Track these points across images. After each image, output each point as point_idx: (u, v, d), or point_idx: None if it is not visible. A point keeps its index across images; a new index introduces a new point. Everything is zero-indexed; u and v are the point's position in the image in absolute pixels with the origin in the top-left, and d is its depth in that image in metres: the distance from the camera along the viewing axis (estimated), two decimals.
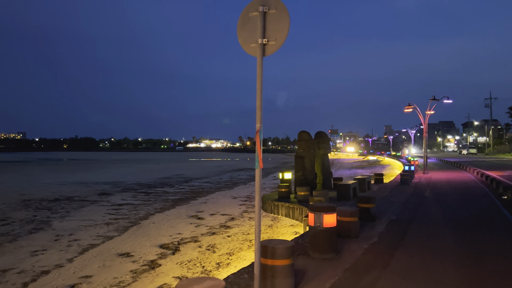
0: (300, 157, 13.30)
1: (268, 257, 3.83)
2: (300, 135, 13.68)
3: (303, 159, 13.20)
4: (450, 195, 13.75)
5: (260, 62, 3.97)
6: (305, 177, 12.98)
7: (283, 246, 3.90)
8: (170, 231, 16.22)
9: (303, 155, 13.37)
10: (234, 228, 16.24)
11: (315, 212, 5.20)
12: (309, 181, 12.98)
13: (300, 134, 13.62)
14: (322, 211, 5.20)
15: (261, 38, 3.90)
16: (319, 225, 5.19)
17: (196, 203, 24.83)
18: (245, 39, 4.01)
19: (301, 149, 13.59)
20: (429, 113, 24.21)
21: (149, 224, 17.98)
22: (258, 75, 4.00)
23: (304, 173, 12.94)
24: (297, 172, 13.12)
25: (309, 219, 5.36)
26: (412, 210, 9.90)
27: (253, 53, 4.00)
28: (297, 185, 12.84)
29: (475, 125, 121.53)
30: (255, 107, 3.97)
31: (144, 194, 29.64)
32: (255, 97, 3.96)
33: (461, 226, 8.01)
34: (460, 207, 10.78)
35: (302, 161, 13.04)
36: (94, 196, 28.64)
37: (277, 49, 3.88)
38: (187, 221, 18.31)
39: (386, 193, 13.40)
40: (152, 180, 42.86)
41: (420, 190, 15.52)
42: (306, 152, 13.23)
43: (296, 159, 13.31)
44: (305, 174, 12.98)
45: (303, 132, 13.69)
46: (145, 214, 20.64)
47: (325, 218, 5.17)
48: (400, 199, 12.05)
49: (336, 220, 5.33)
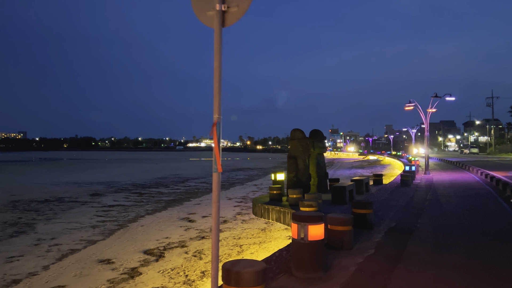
0: (293, 157, 12.42)
1: (232, 284, 3.01)
2: (293, 133, 12.79)
3: (296, 159, 12.32)
4: (454, 198, 12.83)
5: (219, 34, 3.15)
6: (298, 178, 12.08)
7: (252, 270, 3.07)
8: (157, 235, 15.41)
9: (295, 155, 12.50)
10: (225, 232, 15.41)
11: (299, 223, 4.37)
12: (302, 183, 12.07)
13: (293, 133, 12.73)
14: (307, 221, 4.37)
15: (219, 3, 3.07)
16: (304, 238, 4.36)
17: (189, 204, 24.02)
18: (200, 6, 3.19)
19: (293, 148, 12.73)
20: (431, 111, 23.31)
21: (137, 227, 17.17)
22: (216, 51, 3.17)
23: (297, 174, 12.05)
24: (290, 173, 12.22)
25: (292, 230, 4.53)
26: (414, 215, 9.02)
27: (210, 24, 3.18)
28: (289, 187, 11.94)
29: (476, 125, 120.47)
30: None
31: (137, 195, 28.84)
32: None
33: (469, 235, 7.14)
34: (465, 212, 9.86)
35: (295, 162, 12.15)
36: (86, 197, 27.83)
37: (239, 18, 3.06)
38: (177, 224, 17.49)
39: (386, 196, 12.52)
40: (147, 180, 42.04)
41: (421, 192, 14.62)
42: (299, 152, 12.35)
43: (288, 160, 12.43)
44: (298, 176, 12.08)
45: (295, 130, 12.79)
46: (134, 216, 19.83)
47: (311, 230, 4.34)
48: (400, 202, 11.18)
49: (324, 232, 4.50)
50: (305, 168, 12.19)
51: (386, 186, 16.12)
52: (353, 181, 13.36)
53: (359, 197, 12.04)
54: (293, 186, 11.82)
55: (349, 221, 5.61)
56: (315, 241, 4.40)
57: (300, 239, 4.41)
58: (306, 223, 4.39)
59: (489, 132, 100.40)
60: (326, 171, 14.41)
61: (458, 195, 13.56)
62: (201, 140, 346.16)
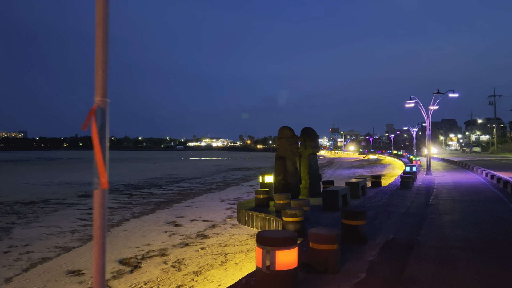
0: (281, 157, 11.38)
1: None
2: (281, 131, 11.79)
3: (285, 160, 11.21)
4: (459, 203, 11.64)
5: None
6: (286, 181, 10.93)
7: None
8: (139, 241, 14.36)
9: (284, 155, 11.45)
10: (211, 238, 14.35)
11: (264, 247, 3.31)
12: (291, 186, 10.91)
13: (281, 131, 11.65)
14: (274, 244, 3.31)
15: None
16: (270, 267, 3.30)
17: (179, 206, 22.98)
18: None
19: (282, 148, 11.65)
20: (433, 109, 22.14)
21: (119, 232, 16.11)
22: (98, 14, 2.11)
23: (285, 176, 10.92)
24: (277, 176, 11.08)
25: (256, 256, 3.47)
26: (414, 225, 7.90)
27: None
28: (277, 191, 10.83)
29: (478, 123, 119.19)
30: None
31: (127, 196, 27.80)
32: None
33: (480, 250, 6.02)
34: (473, 220, 8.67)
35: (283, 163, 11.02)
36: (73, 198, 26.81)
37: None
38: (162, 229, 16.44)
39: (384, 200, 11.39)
40: (141, 180, 41.05)
41: (423, 196, 13.47)
42: (287, 152, 11.21)
43: (276, 160, 11.28)
44: (286, 178, 10.94)
45: (284, 128, 11.72)
46: (119, 220, 18.79)
47: (280, 257, 3.28)
48: (400, 208, 10.05)
49: (297, 258, 3.44)
50: (294, 170, 11.05)
51: (384, 189, 14.97)
52: (348, 184, 12.20)
53: (355, 202, 10.92)
54: (281, 190, 10.69)
55: (334, 239, 4.54)
56: (285, 271, 3.34)
57: (265, 268, 3.35)
58: (274, 248, 3.33)
59: (491, 131, 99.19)
60: (319, 173, 13.26)
61: (464, 200, 12.41)
62: (202, 139, 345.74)
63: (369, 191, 14.48)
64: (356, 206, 9.83)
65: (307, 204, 7.79)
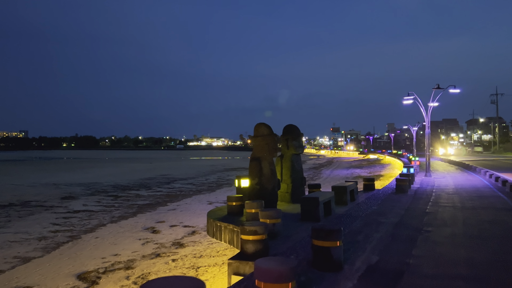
0: (256, 159, 9.86)
1: None
2: (256, 128, 10.16)
3: (260, 161, 9.82)
4: (461, 211, 10.13)
5: None
6: (262, 186, 9.52)
7: None
8: (107, 251, 13.07)
9: (259, 156, 9.91)
10: (187, 247, 13.05)
11: None
12: (267, 191, 9.49)
13: (256, 128, 10.14)
14: None
15: None
16: None
17: (163, 210, 21.69)
18: None
19: (257, 147, 10.04)
20: (432, 105, 20.69)
21: (90, 239, 14.84)
22: None
23: (261, 180, 9.49)
24: (252, 180, 9.71)
25: None
26: (407, 241, 6.52)
27: None
28: (250, 197, 9.41)
29: (480, 123, 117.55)
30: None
31: (112, 198, 26.54)
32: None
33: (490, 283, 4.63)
34: (479, 235, 7.16)
35: (258, 165, 9.63)
36: (55, 201, 25.56)
37: None
38: (137, 236, 15.16)
39: (374, 207, 9.99)
40: (132, 181, 39.80)
41: (420, 201, 12.03)
42: (264, 152, 9.92)
43: (250, 162, 10.02)
44: (262, 182, 9.53)
45: (260, 125, 10.13)
46: (95, 225, 17.53)
47: None
48: (391, 217, 8.64)
49: None
50: (271, 173, 9.65)
51: (378, 193, 13.55)
52: (334, 188, 10.80)
53: (340, 210, 9.50)
54: (255, 196, 9.30)
55: (288, 276, 3.27)
56: None
57: None
58: None
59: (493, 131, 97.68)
60: (303, 176, 11.88)
61: (466, 206, 10.96)
62: (202, 139, 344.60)
63: (360, 195, 13.07)
64: (339, 216, 8.45)
65: (278, 216, 6.46)
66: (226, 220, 8.26)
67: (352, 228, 7.41)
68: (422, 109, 21.47)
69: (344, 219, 8.28)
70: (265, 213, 6.45)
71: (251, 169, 9.65)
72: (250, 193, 9.52)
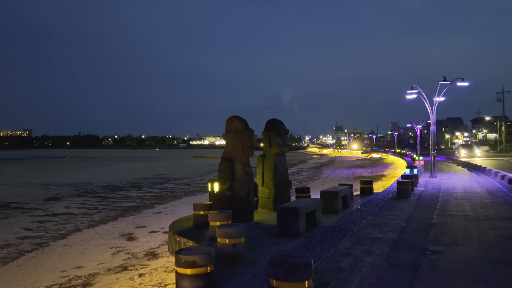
0: (228, 159, 8.27)
1: None
2: (229, 123, 8.52)
3: (232, 162, 8.27)
4: (473, 222, 8.34)
5: None
6: (234, 192, 7.99)
7: None
8: (71, 262, 11.67)
9: (232, 155, 8.32)
10: (160, 259, 11.60)
11: None
12: (240, 199, 7.85)
13: (229, 122, 8.51)
14: None
15: None
16: None
17: (148, 213, 20.30)
18: None
19: (230, 146, 8.41)
20: (438, 100, 19.06)
21: (58, 247, 13.45)
22: None
23: (233, 186, 7.99)
24: (222, 185, 8.18)
25: None
26: (407, 269, 4.94)
27: None
28: (219, 206, 7.82)
29: (485, 121, 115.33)
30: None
31: (98, 200, 25.18)
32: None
33: None
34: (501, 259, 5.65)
35: (230, 166, 8.14)
36: (37, 202, 24.24)
37: None
38: (110, 244, 13.74)
39: (370, 217, 8.42)
40: (125, 181, 38.49)
41: (424, 209, 10.35)
42: (237, 151, 8.29)
43: (220, 163, 8.37)
44: (234, 188, 8.04)
45: (233, 119, 8.49)
46: (69, 230, 16.16)
47: None
48: (389, 231, 7.06)
49: None
50: (246, 177, 8.04)
51: (376, 198, 11.93)
52: (323, 194, 9.19)
53: (329, 221, 7.93)
54: (226, 204, 7.75)
55: None
56: None
57: None
58: None
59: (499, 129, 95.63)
60: (289, 179, 10.32)
61: (479, 216, 9.24)
62: (205, 138, 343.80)
63: (356, 201, 11.43)
64: (325, 230, 6.88)
65: (239, 234, 4.94)
66: (187, 235, 6.78)
67: (339, 248, 5.92)
68: (427, 104, 19.85)
69: (331, 233, 6.78)
70: (222, 230, 5.00)
71: (221, 172, 8.09)
72: (219, 200, 7.98)
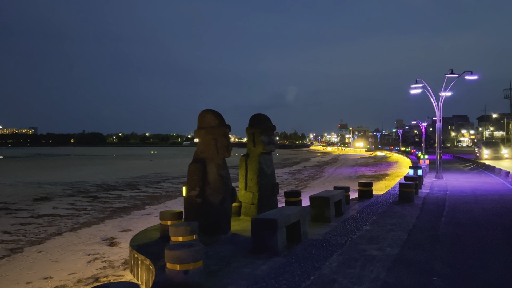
0: (199, 160, 6.97)
1: None
2: (201, 118, 7.21)
3: (205, 164, 6.96)
4: (488, 234, 7.00)
5: None
6: (205, 200, 6.83)
7: None
8: (41, 271, 10.69)
9: (205, 156, 7.01)
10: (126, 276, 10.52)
11: None
12: (212, 208, 6.62)
13: (201, 117, 7.20)
14: None
15: None
16: None
17: (137, 214, 19.35)
18: None
19: (202, 144, 7.09)
20: (445, 95, 17.80)
21: (32, 254, 12.48)
22: None
23: (204, 191, 6.85)
24: (190, 190, 6.85)
25: None
26: None
27: None
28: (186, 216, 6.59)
29: (492, 119, 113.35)
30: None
31: (90, 200, 24.28)
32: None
33: None
34: None
35: (202, 169, 6.87)
36: (26, 202, 23.38)
37: None
38: (88, 250, 12.77)
39: (366, 227, 7.27)
40: (122, 179, 37.64)
41: (430, 216, 9.01)
42: (211, 151, 6.98)
43: (190, 165, 7.04)
44: (205, 195, 6.85)
45: (206, 113, 7.18)
46: (49, 234, 15.23)
47: None
48: (388, 247, 5.85)
49: None
50: (220, 181, 6.82)
51: (376, 202, 10.65)
52: (313, 200, 8.02)
53: (319, 232, 6.76)
54: (195, 213, 6.52)
55: None
56: None
57: None
58: None
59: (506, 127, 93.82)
60: (276, 182, 9.15)
61: (496, 225, 7.83)
62: None
63: (352, 206, 10.16)
64: (311, 245, 5.62)
65: (194, 257, 3.84)
66: (148, 251, 5.67)
67: (323, 271, 4.81)
68: (433, 99, 18.63)
69: (317, 250, 5.64)
70: (171, 254, 3.93)
71: (190, 175, 6.88)
72: (189, 208, 6.82)
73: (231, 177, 8.01)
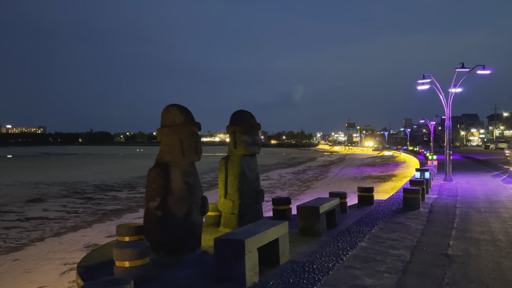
0: (161, 165, 5.92)
1: None
2: (165, 114, 6.13)
3: (168, 169, 5.89)
4: (509, 252, 6.25)
5: None
6: (166, 212, 5.72)
7: None
8: (9, 284, 9.83)
9: (168, 160, 5.95)
10: None
11: None
12: (176, 222, 5.50)
13: (165, 114, 6.13)
14: None
15: None
16: None
17: (129, 218, 18.48)
18: None
19: (166, 146, 6.02)
20: (454, 91, 16.56)
21: (5, 263, 11.65)
22: None
23: (166, 202, 5.74)
24: (151, 201, 5.77)
25: None
26: None
27: None
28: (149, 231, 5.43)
29: (503, 117, 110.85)
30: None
31: (83, 201, 23.52)
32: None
33: None
34: None
35: (164, 175, 5.81)
36: (17, 204, 22.71)
37: None
38: (66, 258, 11.86)
39: (362, 243, 6.17)
40: (120, 180, 36.93)
41: (438, 229, 7.70)
42: (175, 154, 5.92)
43: (150, 171, 5.93)
44: (167, 206, 5.73)
45: (170, 109, 6.12)
46: (31, 240, 14.42)
47: None
48: (386, 273, 4.57)
49: None
50: (186, 190, 5.65)
51: (377, 210, 9.52)
52: (300, 210, 6.91)
53: (303, 250, 5.61)
54: (156, 228, 5.41)
55: None
56: None
57: None
58: None
59: None
60: (260, 188, 8.06)
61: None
62: (216, 135, 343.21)
63: (349, 215, 8.94)
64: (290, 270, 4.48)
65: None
66: (93, 276, 4.66)
67: None
68: (442, 96, 17.42)
69: (296, 279, 4.46)
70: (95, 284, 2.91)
71: (149, 183, 5.77)
72: (146, 224, 5.72)
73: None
